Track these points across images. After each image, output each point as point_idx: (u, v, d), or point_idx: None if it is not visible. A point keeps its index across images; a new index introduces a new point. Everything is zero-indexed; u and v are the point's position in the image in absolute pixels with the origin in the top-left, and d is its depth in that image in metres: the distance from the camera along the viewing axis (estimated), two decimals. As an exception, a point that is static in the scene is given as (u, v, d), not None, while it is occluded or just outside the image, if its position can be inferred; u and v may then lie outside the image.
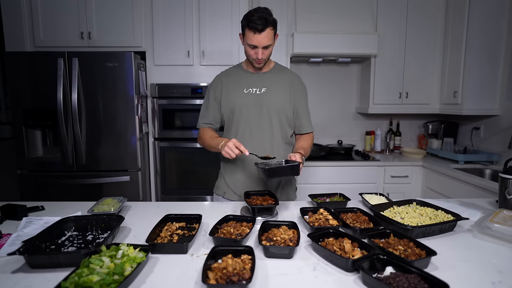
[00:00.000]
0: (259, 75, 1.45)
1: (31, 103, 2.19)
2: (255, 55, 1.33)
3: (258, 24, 1.25)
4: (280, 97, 1.43)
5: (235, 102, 1.42)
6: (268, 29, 1.27)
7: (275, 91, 1.43)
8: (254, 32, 1.26)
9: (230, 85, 1.45)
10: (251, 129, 1.43)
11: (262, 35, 1.27)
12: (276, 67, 1.50)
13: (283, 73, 1.49)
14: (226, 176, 1.51)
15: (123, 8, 2.40)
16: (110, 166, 2.27)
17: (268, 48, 1.33)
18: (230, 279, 0.73)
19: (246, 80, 1.45)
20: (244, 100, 1.42)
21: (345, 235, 0.95)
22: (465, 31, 2.46)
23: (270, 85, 1.44)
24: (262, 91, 1.42)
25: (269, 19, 1.27)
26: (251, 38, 1.29)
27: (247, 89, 1.43)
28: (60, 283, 0.70)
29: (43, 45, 2.41)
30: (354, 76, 3.13)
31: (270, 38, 1.30)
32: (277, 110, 1.42)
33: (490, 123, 2.58)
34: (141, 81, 2.36)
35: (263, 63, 1.39)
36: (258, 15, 1.25)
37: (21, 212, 1.20)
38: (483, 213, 1.26)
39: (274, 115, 1.42)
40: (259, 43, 1.29)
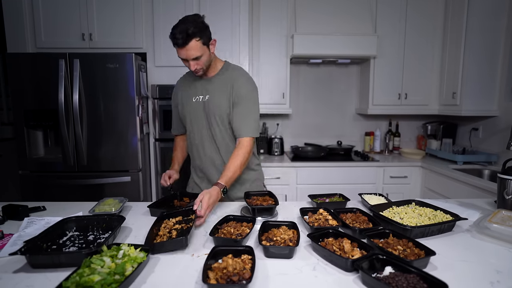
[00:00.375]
0: (205, 81, 1.44)
1: (33, 104, 2.20)
2: (189, 66, 1.32)
3: (179, 39, 1.22)
4: (221, 102, 1.39)
5: (186, 111, 1.47)
6: (192, 41, 1.23)
7: (216, 97, 1.40)
8: (178, 47, 1.25)
9: (184, 94, 1.49)
10: (202, 137, 1.46)
11: (186, 48, 1.24)
12: (222, 70, 1.44)
13: (226, 76, 1.42)
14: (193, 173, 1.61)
15: (124, 10, 2.41)
16: (111, 167, 2.28)
17: (199, 59, 1.29)
18: (230, 279, 0.73)
19: (194, 88, 1.45)
20: (192, 108, 1.45)
21: (344, 235, 0.96)
22: (464, 32, 2.47)
23: (213, 90, 1.41)
24: (206, 98, 1.42)
25: (190, 31, 1.21)
26: (178, 52, 1.28)
27: (195, 98, 1.44)
28: (61, 283, 0.71)
29: (45, 47, 2.42)
30: (354, 77, 3.15)
31: (197, 49, 1.25)
32: (219, 116, 1.39)
33: (489, 124, 2.59)
34: (142, 82, 2.37)
35: (201, 72, 1.36)
36: (179, 29, 1.22)
37: (22, 212, 1.21)
38: (481, 213, 1.26)
39: (218, 121, 1.40)
40: (186, 56, 1.27)
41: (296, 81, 3.12)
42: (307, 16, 2.70)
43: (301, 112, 3.18)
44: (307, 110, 3.19)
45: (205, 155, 1.47)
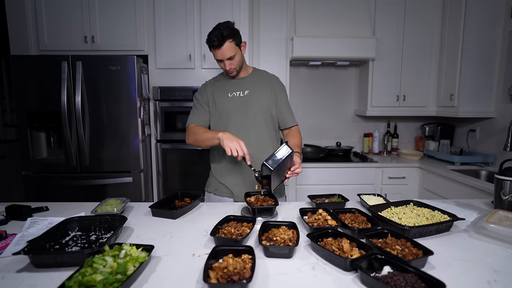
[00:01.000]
0: (240, 80, 1.54)
1: (36, 106, 2.22)
2: (224, 66, 1.45)
3: (215, 41, 1.36)
4: (263, 97, 1.52)
5: (222, 106, 1.51)
6: (226, 43, 1.37)
7: (257, 92, 1.52)
8: (214, 48, 1.38)
9: (215, 91, 1.54)
10: (240, 130, 1.48)
11: (222, 49, 1.37)
12: (254, 72, 1.59)
13: (262, 76, 1.59)
14: (217, 174, 1.57)
15: (126, 13, 2.43)
16: (113, 168, 2.29)
17: (233, 59, 1.42)
18: (231, 278, 0.74)
19: (228, 86, 1.53)
20: (230, 103, 1.50)
21: (343, 235, 0.96)
22: (461, 36, 2.48)
23: (251, 87, 1.53)
24: (245, 93, 1.51)
25: (224, 33, 1.35)
26: (214, 54, 1.41)
27: (231, 93, 1.51)
28: (64, 282, 0.71)
29: (48, 49, 2.44)
30: (353, 79, 3.16)
31: (231, 49, 1.39)
32: (261, 109, 1.51)
33: (486, 125, 2.60)
34: (144, 84, 2.38)
35: (235, 72, 1.48)
36: (214, 33, 1.36)
37: (25, 212, 1.22)
38: (479, 213, 1.26)
39: (259, 114, 1.51)
40: (222, 56, 1.40)
41: (295, 83, 3.14)
42: (306, 20, 2.71)
43: (301, 113, 3.19)
44: (306, 112, 3.20)
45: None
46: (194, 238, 1.05)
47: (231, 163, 1.51)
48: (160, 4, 2.44)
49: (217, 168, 1.57)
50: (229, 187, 1.53)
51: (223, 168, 1.54)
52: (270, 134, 1.56)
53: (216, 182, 1.57)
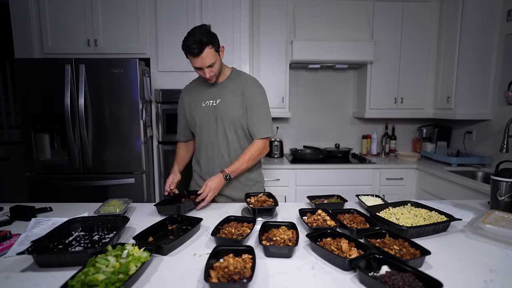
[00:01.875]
0: (214, 87, 1.49)
1: (40, 108, 2.23)
2: (203, 74, 1.38)
3: (194, 48, 1.28)
4: (232, 107, 1.45)
5: (195, 116, 1.49)
6: (206, 49, 1.30)
7: (228, 101, 1.45)
8: (193, 56, 1.31)
9: (191, 99, 1.52)
10: (211, 142, 1.49)
11: (202, 56, 1.30)
12: (231, 75, 1.51)
13: (236, 81, 1.49)
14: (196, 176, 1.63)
15: (129, 16, 2.45)
16: (116, 169, 2.31)
17: (213, 66, 1.36)
18: (231, 278, 0.74)
19: (203, 94, 1.50)
20: (202, 113, 1.48)
21: (342, 235, 0.97)
22: (458, 39, 2.51)
23: (223, 95, 1.46)
24: (217, 102, 1.46)
25: (204, 40, 1.28)
26: (193, 62, 1.34)
27: (205, 102, 1.48)
28: (67, 282, 0.72)
29: (51, 52, 2.46)
30: (351, 82, 3.18)
31: (211, 56, 1.33)
32: (230, 120, 1.45)
33: (482, 127, 2.62)
34: (146, 86, 2.40)
35: (214, 78, 1.43)
36: (193, 39, 1.28)
37: (29, 213, 1.23)
38: (475, 214, 1.27)
39: (228, 125, 1.46)
40: (201, 64, 1.33)
41: (295, 86, 3.16)
42: (306, 23, 2.74)
43: (300, 115, 3.21)
44: (306, 114, 3.21)
45: (214, 159, 1.50)
46: (195, 238, 1.06)
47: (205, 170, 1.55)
48: (162, 8, 2.46)
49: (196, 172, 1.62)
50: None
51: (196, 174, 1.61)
52: (242, 145, 1.50)
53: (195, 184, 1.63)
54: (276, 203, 1.25)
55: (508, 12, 2.39)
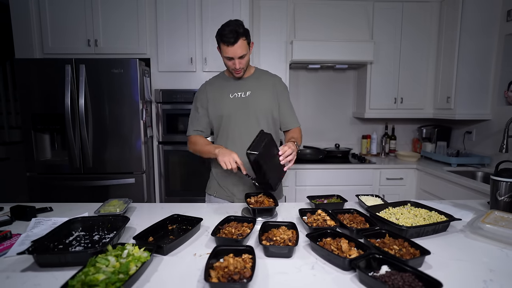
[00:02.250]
0: (241, 80, 1.51)
1: (40, 108, 2.24)
2: (233, 65, 1.40)
3: (230, 38, 1.31)
4: (265, 98, 1.49)
5: (222, 107, 1.47)
6: (240, 40, 1.33)
7: (259, 93, 1.48)
8: (228, 45, 1.33)
9: (215, 92, 1.50)
10: (241, 132, 1.47)
11: (235, 46, 1.33)
12: (256, 72, 1.56)
13: (264, 76, 1.55)
14: (218, 177, 1.56)
15: (129, 16, 2.46)
16: (116, 169, 2.31)
17: (243, 58, 1.38)
18: (231, 278, 0.74)
19: (229, 86, 1.50)
20: (231, 104, 1.47)
21: (342, 235, 0.97)
22: (458, 39, 2.51)
23: (253, 88, 1.49)
24: (247, 94, 1.48)
25: (240, 31, 1.32)
26: (226, 51, 1.35)
27: (232, 94, 1.48)
28: (67, 282, 0.72)
29: (52, 52, 2.47)
30: (351, 82, 3.19)
31: (243, 48, 1.36)
32: (263, 110, 1.48)
33: (482, 127, 2.62)
34: (146, 87, 2.41)
35: (242, 72, 1.44)
36: (229, 29, 1.31)
37: (30, 213, 1.23)
38: (475, 214, 1.27)
39: (261, 116, 1.48)
40: (234, 54, 1.35)
41: (295, 86, 3.16)
42: (306, 24, 2.74)
43: (300, 115, 3.16)
44: (306, 114, 3.21)
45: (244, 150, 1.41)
46: (195, 238, 1.06)
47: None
48: (162, 9, 2.47)
49: (218, 172, 1.55)
50: (229, 189, 1.53)
51: (223, 172, 1.53)
52: (274, 135, 1.49)
53: (217, 185, 1.56)
54: (276, 203, 1.25)
55: (508, 12, 2.39)
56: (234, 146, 1.46)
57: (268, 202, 1.28)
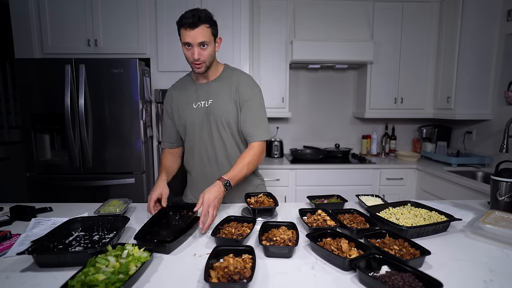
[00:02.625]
0: (206, 86, 1.36)
1: (40, 108, 2.24)
2: (191, 55, 1.22)
3: (189, 18, 1.16)
4: (226, 107, 1.32)
5: (185, 118, 1.37)
6: (202, 25, 1.18)
7: (221, 101, 1.33)
8: (186, 28, 1.18)
9: (180, 100, 1.39)
10: (206, 145, 1.38)
11: (195, 31, 1.17)
12: (224, 73, 1.38)
13: (229, 79, 1.35)
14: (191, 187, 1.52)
15: (129, 16, 2.46)
16: (116, 169, 2.31)
17: (205, 48, 1.22)
18: (231, 278, 0.74)
19: (194, 93, 1.37)
20: (194, 115, 1.35)
21: (342, 235, 0.97)
22: (458, 39, 2.51)
23: (216, 95, 1.33)
24: (208, 103, 1.33)
25: (202, 15, 1.18)
26: (184, 36, 1.20)
27: (196, 103, 1.35)
28: (67, 282, 0.72)
29: (51, 52, 2.47)
30: (351, 82, 3.19)
31: (206, 35, 1.20)
32: (225, 121, 1.33)
33: (482, 127, 2.63)
34: (146, 86, 2.40)
35: (203, 67, 1.27)
36: (192, 13, 1.17)
37: (30, 213, 1.23)
38: (475, 214, 1.27)
39: (222, 127, 1.34)
40: (193, 40, 1.19)
41: (295, 86, 3.16)
42: (306, 24, 2.74)
43: (300, 115, 3.22)
44: (306, 114, 3.22)
45: (210, 163, 1.39)
46: (195, 238, 1.06)
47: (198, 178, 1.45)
48: (162, 9, 2.47)
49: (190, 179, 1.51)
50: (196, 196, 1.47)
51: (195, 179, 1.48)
52: (239, 147, 1.40)
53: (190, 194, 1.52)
54: (276, 203, 1.25)
55: (508, 12, 2.39)
56: (199, 160, 1.41)
57: (268, 202, 1.28)
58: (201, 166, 1.42)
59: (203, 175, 1.43)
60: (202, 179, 1.43)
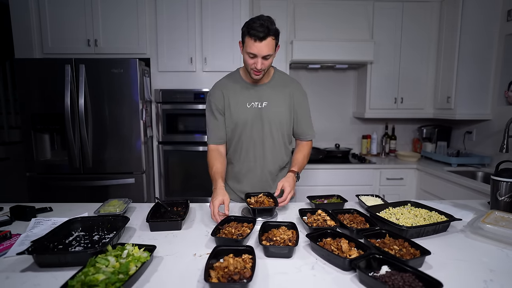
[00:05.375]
0: (259, 88, 1.40)
1: (40, 108, 2.24)
2: (253, 64, 1.26)
3: (260, 32, 1.18)
4: (280, 110, 1.41)
5: (238, 117, 1.39)
6: (269, 38, 1.21)
7: (276, 104, 1.40)
8: (255, 40, 1.19)
9: (232, 98, 1.40)
10: (255, 143, 1.43)
11: (263, 43, 1.20)
12: (275, 77, 1.44)
13: (282, 83, 1.43)
14: (228, 178, 1.54)
15: (129, 16, 2.46)
16: (116, 169, 2.31)
17: (268, 59, 1.26)
18: (231, 278, 0.75)
19: (247, 94, 1.39)
20: (247, 115, 1.39)
21: (342, 235, 0.97)
22: (458, 39, 2.51)
23: (270, 98, 1.40)
24: (263, 105, 1.39)
25: (271, 27, 1.20)
26: (251, 47, 1.21)
27: (250, 104, 1.39)
28: (67, 282, 0.72)
29: (51, 52, 2.47)
30: (351, 82, 3.19)
31: (271, 47, 1.23)
32: (278, 123, 1.41)
33: (482, 127, 2.63)
34: (146, 86, 2.41)
35: (262, 74, 1.31)
36: (260, 23, 1.18)
37: (30, 213, 1.23)
38: (475, 214, 1.27)
39: (275, 128, 1.42)
40: (259, 52, 1.21)
41: (296, 85, 3.16)
42: (306, 24, 2.75)
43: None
44: (306, 114, 3.22)
45: (255, 160, 1.45)
46: (195, 238, 1.06)
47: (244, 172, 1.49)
48: (162, 8, 2.47)
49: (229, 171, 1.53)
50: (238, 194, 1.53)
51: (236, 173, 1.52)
52: (286, 147, 1.50)
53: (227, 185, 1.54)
54: (276, 203, 1.25)
55: (508, 12, 2.39)
56: (247, 155, 1.45)
57: (268, 202, 1.28)
58: (247, 161, 1.47)
59: (249, 170, 1.48)
60: (246, 173, 1.49)
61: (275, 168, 1.48)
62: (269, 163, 1.46)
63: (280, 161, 1.49)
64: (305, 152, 1.47)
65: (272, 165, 1.47)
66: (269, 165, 1.46)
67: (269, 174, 1.48)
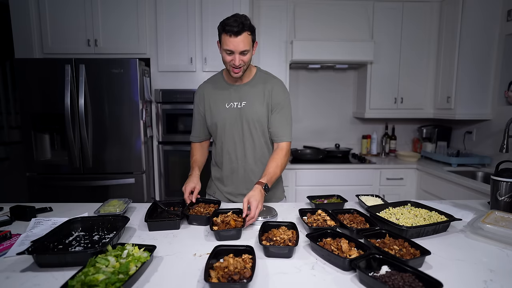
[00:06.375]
0: (239, 88, 1.41)
1: (40, 108, 2.24)
2: (232, 61, 1.28)
3: (234, 27, 1.19)
4: (258, 109, 1.39)
5: (217, 117, 1.42)
6: (245, 33, 1.23)
7: (254, 102, 1.39)
8: (230, 35, 1.21)
9: (212, 98, 1.44)
10: (235, 143, 1.44)
11: (239, 38, 1.21)
12: (256, 76, 1.44)
13: (262, 82, 1.42)
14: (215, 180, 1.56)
15: (129, 16, 2.46)
16: (116, 169, 2.31)
17: (245, 55, 1.27)
18: (231, 278, 0.75)
19: (226, 94, 1.42)
20: (226, 115, 1.40)
21: (342, 235, 0.97)
22: (458, 39, 2.51)
23: (249, 97, 1.40)
24: (242, 104, 1.39)
25: (246, 23, 1.23)
26: (227, 43, 1.23)
27: (228, 103, 1.40)
28: (67, 282, 0.72)
29: (51, 52, 2.47)
30: (351, 82, 3.20)
31: (247, 43, 1.24)
32: (257, 121, 1.40)
33: (482, 127, 2.63)
34: (146, 86, 2.40)
35: (241, 71, 1.32)
36: (234, 19, 1.21)
37: (29, 213, 1.23)
38: (475, 214, 1.27)
39: (253, 127, 1.41)
40: (235, 47, 1.23)
41: (295, 86, 3.16)
42: (306, 23, 2.75)
43: (300, 115, 3.22)
44: (306, 114, 3.22)
45: (238, 161, 1.46)
46: (195, 238, 1.06)
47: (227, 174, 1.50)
48: (162, 8, 2.47)
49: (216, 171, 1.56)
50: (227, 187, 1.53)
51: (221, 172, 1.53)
52: (267, 146, 1.48)
53: (215, 186, 1.57)
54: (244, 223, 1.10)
55: (508, 12, 2.39)
56: (229, 156, 1.47)
57: (234, 223, 1.10)
58: (230, 163, 1.48)
59: (232, 171, 1.49)
60: (230, 174, 1.50)
61: (258, 167, 1.46)
62: (251, 163, 1.45)
63: (263, 160, 1.46)
64: (278, 160, 1.36)
65: (254, 164, 1.46)
66: (251, 165, 1.45)
67: (252, 174, 1.46)
